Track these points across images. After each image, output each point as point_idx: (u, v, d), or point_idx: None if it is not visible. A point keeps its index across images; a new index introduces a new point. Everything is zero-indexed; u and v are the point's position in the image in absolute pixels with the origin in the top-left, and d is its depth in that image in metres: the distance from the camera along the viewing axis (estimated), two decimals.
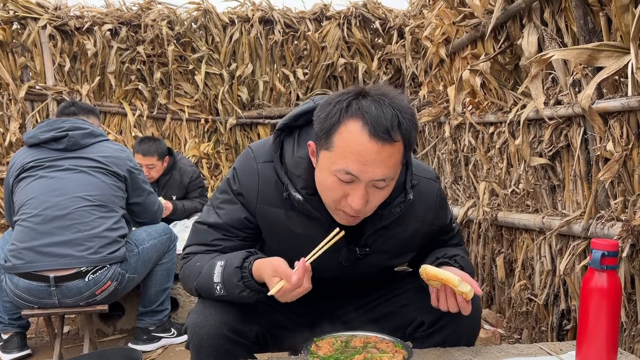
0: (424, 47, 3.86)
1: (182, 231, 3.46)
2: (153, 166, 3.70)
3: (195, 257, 1.44)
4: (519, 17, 2.48)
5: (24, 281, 2.31)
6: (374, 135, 1.17)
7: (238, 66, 5.10)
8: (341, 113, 1.21)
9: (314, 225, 1.37)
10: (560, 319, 2.43)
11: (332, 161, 1.23)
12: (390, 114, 1.19)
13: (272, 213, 1.39)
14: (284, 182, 1.35)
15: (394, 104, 1.21)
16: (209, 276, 1.35)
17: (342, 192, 1.25)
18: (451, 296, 1.32)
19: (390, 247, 1.45)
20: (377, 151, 1.19)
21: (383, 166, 1.20)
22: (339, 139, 1.21)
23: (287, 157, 1.38)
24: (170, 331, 2.85)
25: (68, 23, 4.70)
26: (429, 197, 1.47)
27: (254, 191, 1.39)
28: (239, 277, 1.30)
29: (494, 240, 3.02)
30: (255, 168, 1.40)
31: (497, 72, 2.72)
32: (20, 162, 2.48)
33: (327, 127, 1.22)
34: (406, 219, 1.42)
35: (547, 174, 2.44)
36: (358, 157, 1.19)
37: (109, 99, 4.98)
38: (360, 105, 1.20)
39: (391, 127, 1.18)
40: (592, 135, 2.06)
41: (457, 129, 3.35)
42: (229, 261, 1.33)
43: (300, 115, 1.40)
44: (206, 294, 1.39)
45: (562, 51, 1.89)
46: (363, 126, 1.18)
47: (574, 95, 2.13)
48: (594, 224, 2.05)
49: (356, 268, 1.46)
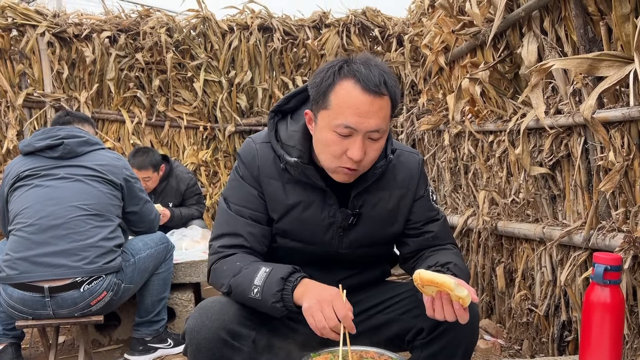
0: (423, 55, 3.85)
1: (180, 240, 3.44)
2: (149, 178, 3.69)
3: (235, 256, 1.48)
4: (519, 26, 2.47)
5: (18, 292, 2.28)
6: (366, 90, 1.34)
7: (237, 73, 5.09)
8: (335, 75, 1.37)
9: (310, 194, 1.51)
10: (561, 330, 2.40)
11: (331, 118, 1.37)
12: (377, 73, 1.36)
13: (271, 186, 1.52)
14: (279, 154, 1.49)
15: (378, 66, 1.39)
16: (249, 277, 1.38)
17: (341, 146, 1.37)
18: (447, 303, 1.30)
19: (378, 213, 1.55)
20: (370, 103, 1.34)
21: (376, 117, 1.35)
22: (335, 97, 1.36)
23: (282, 134, 1.53)
24: (167, 342, 2.82)
25: (67, 30, 4.69)
26: (411, 166, 1.62)
27: (255, 167, 1.53)
28: (281, 287, 1.34)
29: (493, 249, 2.99)
30: (255, 148, 1.55)
31: (497, 80, 2.70)
32: (15, 170, 2.46)
33: (323, 89, 1.38)
34: (390, 184, 1.57)
35: (548, 184, 2.42)
36: (354, 110, 1.34)
37: (107, 106, 4.97)
38: (351, 67, 1.37)
39: (379, 83, 1.35)
40: (592, 145, 2.04)
41: (456, 137, 3.33)
42: (275, 270, 1.38)
43: (291, 97, 1.57)
44: (238, 293, 1.41)
45: (562, 61, 1.88)
46: (356, 83, 1.34)
47: (574, 104, 2.11)
48: (595, 235, 2.03)
49: (350, 240, 1.55)
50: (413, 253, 1.62)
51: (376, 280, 1.70)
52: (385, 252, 1.70)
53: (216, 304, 1.42)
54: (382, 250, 1.67)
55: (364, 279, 1.65)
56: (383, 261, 1.73)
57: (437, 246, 1.60)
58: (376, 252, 1.65)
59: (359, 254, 1.59)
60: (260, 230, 1.53)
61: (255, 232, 1.52)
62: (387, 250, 1.70)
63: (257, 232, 1.52)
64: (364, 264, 1.65)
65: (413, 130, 4.23)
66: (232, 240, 1.51)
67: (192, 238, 3.48)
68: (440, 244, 1.61)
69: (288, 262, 1.46)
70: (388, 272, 1.76)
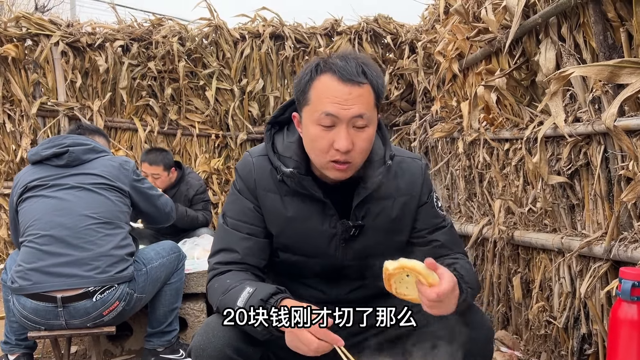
0: (436, 62, 3.82)
1: (192, 249, 3.42)
2: (158, 176, 3.70)
3: (228, 274, 1.46)
4: (535, 33, 2.43)
5: (31, 302, 2.28)
6: (343, 79, 1.34)
7: (249, 82, 5.08)
8: (312, 72, 1.39)
9: (309, 207, 1.48)
10: (580, 343, 2.34)
11: (312, 111, 1.37)
12: (354, 64, 1.36)
13: (269, 199, 1.50)
14: (276, 165, 1.47)
15: (357, 58, 1.39)
16: (234, 298, 1.36)
17: (327, 139, 1.36)
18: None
19: (382, 222, 1.52)
20: (349, 92, 1.34)
21: (358, 103, 1.34)
22: (314, 91, 1.37)
23: (278, 146, 1.52)
24: (179, 352, 2.79)
25: (80, 40, 4.71)
26: (414, 171, 1.58)
27: (251, 180, 1.52)
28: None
29: (510, 259, 2.94)
30: (251, 161, 1.54)
31: (513, 88, 2.66)
32: (23, 181, 2.47)
33: (302, 86, 1.40)
34: (393, 192, 1.52)
35: (566, 193, 2.37)
36: (333, 99, 1.34)
37: (120, 114, 4.98)
38: (327, 62, 1.38)
39: (356, 73, 1.35)
40: (613, 153, 2.00)
41: (471, 145, 3.29)
42: (257, 291, 1.34)
43: (287, 107, 1.55)
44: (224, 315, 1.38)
45: (582, 68, 1.84)
46: (332, 75, 1.35)
47: (594, 112, 2.07)
48: (616, 246, 1.97)
49: (354, 251, 1.52)
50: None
51: (387, 291, 1.66)
52: None
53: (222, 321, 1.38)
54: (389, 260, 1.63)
55: (374, 290, 1.60)
56: None
57: (445, 256, 1.55)
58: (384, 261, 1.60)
59: (365, 265, 1.55)
60: (257, 244, 1.50)
61: (252, 246, 1.49)
62: (395, 260, 1.65)
63: (254, 246, 1.50)
64: (373, 274, 1.60)
65: (426, 137, 4.19)
66: (227, 257, 1.49)
67: (204, 247, 3.46)
68: (448, 253, 1.56)
69: (294, 275, 1.43)
70: None
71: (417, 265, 1.19)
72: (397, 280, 1.26)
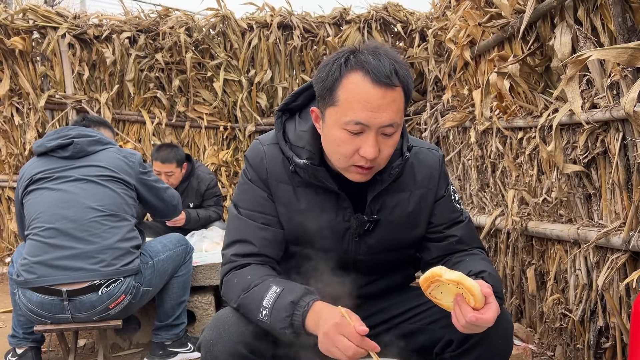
0: (448, 49, 3.74)
1: (200, 241, 3.39)
2: (172, 173, 3.66)
3: (248, 268, 1.39)
4: (550, 17, 2.35)
5: (37, 295, 2.26)
6: (376, 82, 1.24)
7: (257, 72, 5.04)
8: (341, 68, 1.27)
9: (322, 199, 1.42)
10: (597, 336, 2.27)
11: (340, 115, 1.27)
12: (387, 62, 1.26)
13: (281, 190, 1.44)
14: (288, 155, 1.40)
15: (388, 55, 1.28)
16: (258, 297, 1.30)
17: (353, 145, 1.28)
18: (463, 304, 1.18)
19: (397, 216, 1.46)
20: (382, 96, 1.25)
21: (389, 110, 1.26)
22: (343, 91, 1.26)
23: (290, 134, 1.44)
24: (187, 346, 2.77)
25: (87, 32, 4.69)
26: (430, 163, 1.51)
27: (263, 169, 1.45)
28: (290, 312, 1.25)
29: (523, 251, 2.87)
30: (262, 150, 1.47)
31: (526, 74, 2.59)
32: (28, 173, 2.44)
33: (329, 84, 1.28)
34: (410, 185, 1.47)
35: (582, 182, 2.30)
36: (365, 105, 1.24)
37: (127, 107, 4.96)
38: (359, 58, 1.27)
39: (390, 74, 1.25)
40: (632, 140, 1.92)
41: (483, 134, 3.22)
42: (285, 291, 1.29)
43: (299, 94, 1.47)
44: (246, 312, 1.33)
45: (600, 51, 1.76)
46: (364, 75, 1.25)
47: (611, 98, 1.99)
48: (635, 237, 1.90)
49: (368, 245, 1.46)
50: (437, 259, 1.50)
51: (400, 285, 1.60)
52: (408, 256, 1.59)
53: (233, 316, 1.34)
54: (404, 255, 1.56)
55: (387, 285, 1.56)
56: (406, 265, 1.63)
57: (462, 251, 1.49)
58: (398, 256, 1.55)
59: (379, 259, 1.50)
60: (274, 234, 1.44)
61: (268, 237, 1.43)
62: (410, 254, 1.58)
63: (271, 236, 1.44)
64: (386, 269, 1.55)
65: (437, 127, 4.12)
66: (244, 248, 1.42)
67: (213, 239, 3.43)
68: (465, 248, 1.50)
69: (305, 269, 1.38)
70: (412, 277, 1.66)
71: (475, 289, 1.13)
72: (437, 284, 1.21)
